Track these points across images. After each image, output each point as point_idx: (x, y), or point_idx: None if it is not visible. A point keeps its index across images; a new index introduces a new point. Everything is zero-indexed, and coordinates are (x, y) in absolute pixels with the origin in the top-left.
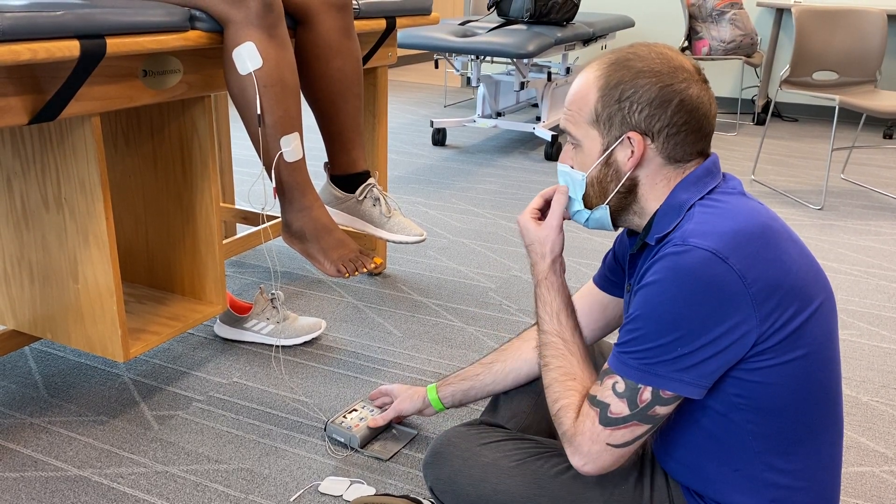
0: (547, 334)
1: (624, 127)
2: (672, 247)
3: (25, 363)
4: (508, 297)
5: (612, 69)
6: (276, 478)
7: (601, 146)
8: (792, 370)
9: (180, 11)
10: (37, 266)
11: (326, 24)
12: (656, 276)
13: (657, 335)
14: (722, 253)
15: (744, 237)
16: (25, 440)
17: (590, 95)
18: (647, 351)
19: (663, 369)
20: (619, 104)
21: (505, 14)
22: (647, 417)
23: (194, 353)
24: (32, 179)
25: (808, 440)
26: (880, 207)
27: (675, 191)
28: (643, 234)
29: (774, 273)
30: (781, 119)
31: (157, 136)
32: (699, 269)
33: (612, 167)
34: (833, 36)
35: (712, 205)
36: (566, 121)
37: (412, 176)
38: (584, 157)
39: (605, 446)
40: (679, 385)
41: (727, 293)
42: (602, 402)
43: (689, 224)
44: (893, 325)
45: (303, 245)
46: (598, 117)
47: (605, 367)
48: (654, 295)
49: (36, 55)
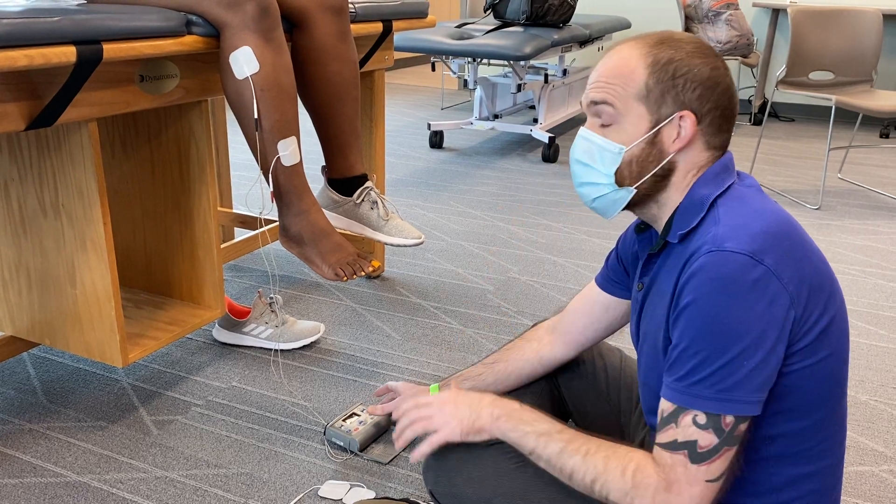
0: (544, 444)
1: (676, 105)
2: (706, 256)
3: (24, 369)
4: (507, 300)
5: (659, 47)
6: (276, 482)
7: (648, 123)
8: (818, 371)
9: (177, 16)
10: (35, 272)
11: (323, 28)
12: (698, 291)
13: (721, 352)
14: (758, 255)
15: (773, 237)
16: (24, 446)
17: (637, 70)
18: (716, 374)
19: (739, 393)
20: (673, 81)
21: (501, 16)
22: (734, 439)
23: (193, 357)
24: (30, 185)
25: (822, 441)
26: (877, 207)
27: (695, 185)
28: (664, 232)
29: (803, 272)
30: (778, 119)
31: (155, 140)
32: (741, 274)
33: (657, 147)
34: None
35: (735, 203)
36: (605, 92)
37: (410, 179)
38: (624, 132)
39: (705, 484)
40: (755, 406)
41: (770, 295)
42: (687, 442)
43: (717, 227)
44: (891, 324)
45: (300, 249)
46: (648, 93)
47: (671, 407)
48: (703, 311)
49: (33, 61)
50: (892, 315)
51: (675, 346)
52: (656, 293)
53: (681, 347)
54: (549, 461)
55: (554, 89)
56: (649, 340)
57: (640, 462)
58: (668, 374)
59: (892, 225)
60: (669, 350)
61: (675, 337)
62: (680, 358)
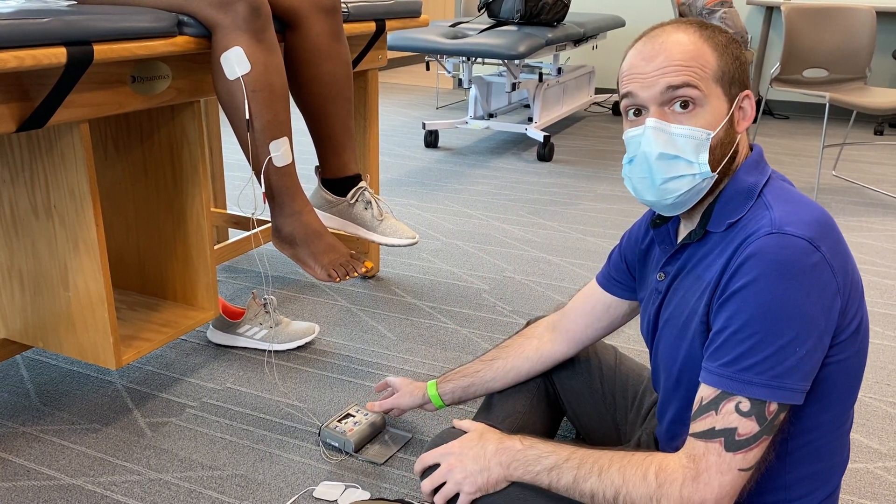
0: (557, 477)
1: (741, 86)
2: (766, 238)
3: (17, 372)
4: (502, 299)
5: (709, 31)
6: (271, 483)
7: (726, 105)
8: (849, 366)
9: (168, 17)
10: (27, 274)
11: (316, 28)
12: (757, 271)
13: (775, 336)
14: (816, 241)
15: (825, 228)
16: (18, 449)
17: (706, 53)
18: (769, 359)
19: (789, 380)
20: (737, 62)
21: (495, 15)
22: (773, 428)
23: (187, 359)
24: (21, 187)
25: (835, 439)
26: (872, 204)
27: (739, 173)
28: (703, 220)
29: (846, 266)
30: (773, 117)
31: (147, 141)
32: (801, 258)
33: (733, 129)
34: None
35: (781, 192)
36: (686, 75)
37: (404, 178)
38: (707, 116)
39: (737, 473)
40: (801, 395)
41: (824, 282)
42: (725, 430)
43: (772, 211)
44: (888, 322)
45: (293, 250)
46: (723, 74)
47: (713, 393)
48: (761, 293)
49: (23, 63)
50: (888, 312)
51: (721, 329)
52: (691, 280)
53: (730, 331)
54: (568, 492)
55: (549, 88)
56: (673, 326)
57: (661, 462)
58: (710, 359)
59: (886, 222)
60: (712, 335)
61: (722, 321)
62: (728, 342)
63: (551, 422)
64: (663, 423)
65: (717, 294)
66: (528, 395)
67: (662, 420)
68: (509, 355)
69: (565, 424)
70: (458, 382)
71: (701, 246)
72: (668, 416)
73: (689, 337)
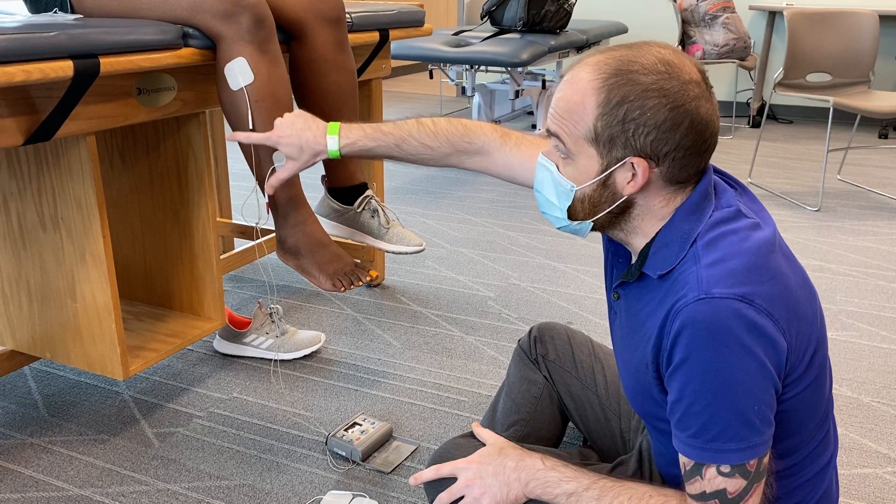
0: (578, 494)
1: (627, 150)
2: (694, 305)
3: (25, 383)
4: (508, 306)
5: (613, 81)
6: (279, 493)
7: (599, 166)
8: (806, 395)
9: (173, 29)
10: (35, 286)
11: (320, 39)
12: (692, 346)
13: (729, 404)
14: (748, 296)
15: (756, 273)
16: (26, 460)
17: (587, 110)
18: (731, 427)
19: (755, 437)
20: (622, 126)
21: (498, 23)
22: (760, 474)
23: (194, 369)
24: (29, 199)
25: (811, 451)
26: (877, 207)
27: (674, 219)
28: (639, 261)
29: (789, 302)
30: (776, 121)
31: (153, 153)
32: (735, 320)
33: (610, 189)
34: (825, 38)
35: (716, 238)
36: (557, 127)
37: (410, 186)
38: (576, 171)
39: None
40: (769, 440)
41: (767, 335)
42: (716, 492)
43: (700, 269)
44: (893, 326)
45: (298, 261)
46: (597, 137)
47: (691, 463)
48: (702, 367)
49: (30, 76)
50: (894, 316)
51: (677, 400)
52: (635, 323)
53: (685, 403)
54: None
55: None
56: (627, 360)
57: None
58: (678, 428)
59: (892, 225)
60: (671, 403)
61: (675, 391)
62: (687, 414)
63: (556, 428)
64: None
65: (663, 359)
66: (532, 401)
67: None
68: (436, 121)
69: (571, 431)
70: (349, 135)
71: (643, 287)
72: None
73: (644, 383)
